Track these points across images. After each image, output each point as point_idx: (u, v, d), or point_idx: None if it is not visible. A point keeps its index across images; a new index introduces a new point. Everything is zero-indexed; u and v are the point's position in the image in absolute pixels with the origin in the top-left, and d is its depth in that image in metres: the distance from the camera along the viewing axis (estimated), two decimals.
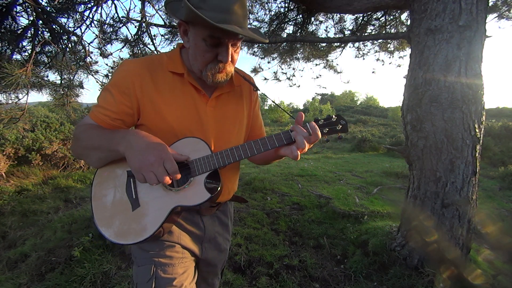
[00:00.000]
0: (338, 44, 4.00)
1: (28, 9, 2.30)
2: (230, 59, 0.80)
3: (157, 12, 2.79)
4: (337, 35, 3.92)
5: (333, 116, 0.84)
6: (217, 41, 0.76)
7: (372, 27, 3.86)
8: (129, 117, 0.84)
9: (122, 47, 2.97)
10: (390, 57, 4.52)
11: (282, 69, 4.58)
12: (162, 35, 3.18)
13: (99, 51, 2.92)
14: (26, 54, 2.47)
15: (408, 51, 4.05)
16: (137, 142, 0.73)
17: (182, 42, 0.86)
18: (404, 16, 3.59)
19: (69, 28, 2.56)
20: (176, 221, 0.90)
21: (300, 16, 3.68)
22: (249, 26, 0.87)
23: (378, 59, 4.59)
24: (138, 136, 0.74)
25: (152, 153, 0.71)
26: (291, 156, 0.79)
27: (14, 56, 2.37)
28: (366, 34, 3.76)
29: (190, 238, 0.94)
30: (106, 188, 0.85)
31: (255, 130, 1.07)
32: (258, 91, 1.03)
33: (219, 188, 0.80)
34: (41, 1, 2.38)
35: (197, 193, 0.79)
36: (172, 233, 0.90)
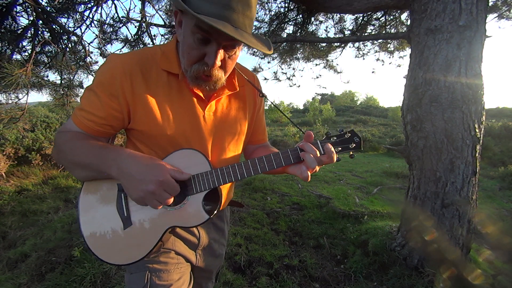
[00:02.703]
0: (338, 44, 4.00)
1: (28, 9, 2.30)
2: (218, 64, 0.67)
3: (157, 12, 2.79)
4: (337, 35, 3.92)
5: (347, 133, 0.76)
6: (206, 35, 0.64)
7: (372, 27, 3.86)
8: (118, 122, 0.75)
9: (122, 47, 2.97)
10: (390, 57, 4.53)
11: (282, 69, 4.59)
12: (162, 35, 3.19)
13: (99, 51, 2.92)
14: (26, 54, 2.46)
15: (408, 51, 4.05)
16: (131, 169, 0.66)
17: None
18: (404, 16, 3.59)
19: (69, 28, 2.56)
20: (171, 235, 0.87)
21: (300, 16, 3.68)
22: (254, 32, 0.79)
23: (378, 59, 4.60)
24: (131, 159, 0.67)
25: (150, 181, 0.65)
26: (301, 177, 0.72)
27: (14, 56, 2.36)
28: (366, 34, 3.77)
29: (184, 244, 0.90)
30: (94, 202, 0.77)
31: (258, 134, 0.99)
32: (263, 96, 0.94)
33: (216, 210, 0.75)
34: (41, 1, 2.38)
35: (195, 213, 0.73)
36: (166, 239, 0.87)
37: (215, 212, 0.75)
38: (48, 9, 2.40)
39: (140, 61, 0.74)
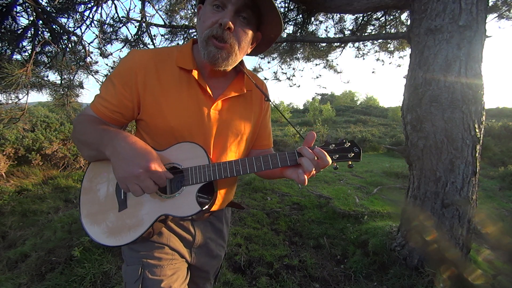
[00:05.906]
0: (338, 44, 4.00)
1: (28, 9, 2.30)
2: (231, 24, 0.72)
3: (157, 12, 2.79)
4: (337, 35, 3.92)
5: (346, 142, 0.77)
6: (222, 1, 0.73)
7: (372, 27, 3.86)
8: (128, 111, 0.80)
9: (122, 47, 2.97)
10: (390, 57, 4.53)
11: (282, 69, 4.59)
12: (162, 35, 3.18)
13: (99, 51, 2.92)
14: (26, 54, 2.46)
15: (408, 51, 4.05)
16: (123, 149, 0.67)
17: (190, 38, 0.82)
18: (404, 16, 3.59)
19: (69, 28, 2.56)
20: (166, 223, 0.87)
21: (300, 16, 3.68)
22: None
23: (378, 59, 4.60)
24: (126, 142, 0.68)
25: (138, 164, 0.65)
26: (297, 181, 0.72)
27: (14, 56, 2.36)
28: (366, 34, 3.76)
29: (179, 241, 0.91)
30: (96, 183, 0.80)
31: (263, 139, 1.00)
32: (269, 101, 0.97)
33: (209, 204, 0.76)
34: (41, 1, 2.37)
35: (188, 204, 0.74)
36: (161, 234, 0.87)
37: (207, 207, 0.76)
38: (48, 9, 2.40)
39: (156, 58, 0.80)
